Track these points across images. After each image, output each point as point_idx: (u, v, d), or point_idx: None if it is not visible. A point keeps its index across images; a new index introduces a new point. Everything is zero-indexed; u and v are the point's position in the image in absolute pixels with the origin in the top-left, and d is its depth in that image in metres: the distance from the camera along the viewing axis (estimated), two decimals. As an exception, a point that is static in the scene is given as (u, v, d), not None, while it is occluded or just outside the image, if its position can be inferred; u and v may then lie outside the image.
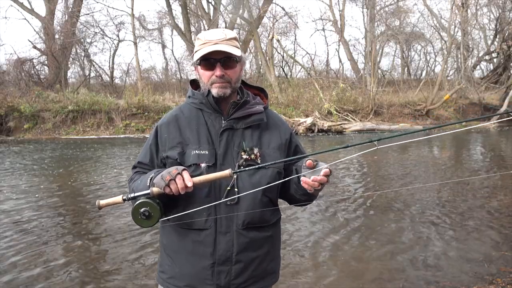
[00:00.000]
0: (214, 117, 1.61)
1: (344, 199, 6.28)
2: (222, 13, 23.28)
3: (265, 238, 1.61)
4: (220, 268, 1.54)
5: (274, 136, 1.65)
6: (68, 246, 4.49)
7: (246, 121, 1.60)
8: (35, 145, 14.31)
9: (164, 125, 1.64)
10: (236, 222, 1.54)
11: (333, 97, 19.35)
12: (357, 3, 26.32)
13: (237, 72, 1.59)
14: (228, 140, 1.57)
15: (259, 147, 1.59)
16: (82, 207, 6.16)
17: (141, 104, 18.29)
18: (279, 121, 1.73)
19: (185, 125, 1.61)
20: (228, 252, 1.54)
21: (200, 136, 1.58)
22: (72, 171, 9.09)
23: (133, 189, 1.58)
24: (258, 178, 1.54)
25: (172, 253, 1.62)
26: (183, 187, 1.38)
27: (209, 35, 1.56)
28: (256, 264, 1.59)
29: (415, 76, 30.27)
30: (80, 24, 24.57)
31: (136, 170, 1.69)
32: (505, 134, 16.32)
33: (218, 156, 1.55)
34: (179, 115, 1.65)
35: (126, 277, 3.70)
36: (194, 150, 1.56)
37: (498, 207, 5.70)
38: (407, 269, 3.78)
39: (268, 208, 1.62)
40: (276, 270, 1.71)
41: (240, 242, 1.55)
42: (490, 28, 25.85)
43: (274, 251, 1.69)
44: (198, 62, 1.57)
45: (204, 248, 1.54)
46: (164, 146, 1.61)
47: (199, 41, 1.58)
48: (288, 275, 3.66)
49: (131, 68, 27.12)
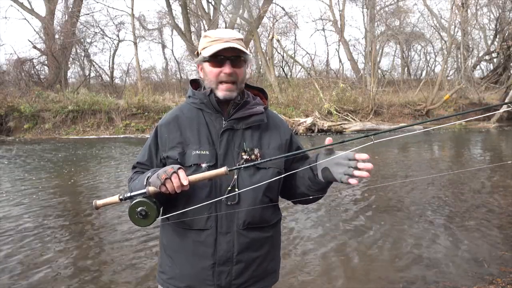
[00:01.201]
0: (214, 117, 1.60)
1: (344, 199, 6.28)
2: (222, 13, 23.30)
3: (265, 238, 1.61)
4: (221, 268, 1.54)
5: (274, 137, 1.65)
6: (68, 246, 4.49)
7: (247, 122, 1.60)
8: (35, 145, 14.30)
9: (164, 125, 1.63)
10: (237, 222, 1.54)
11: (333, 97, 19.36)
12: (357, 3, 26.37)
13: (243, 72, 1.59)
14: (228, 140, 1.57)
15: (259, 147, 1.59)
16: (82, 207, 6.16)
17: (141, 104, 18.29)
18: (279, 121, 1.73)
19: (186, 125, 1.61)
20: (229, 253, 1.53)
21: (201, 136, 1.58)
22: (72, 171, 9.09)
23: (131, 188, 1.58)
24: (258, 178, 1.53)
25: (173, 253, 1.61)
26: (179, 185, 1.38)
27: (220, 33, 1.56)
28: (257, 264, 1.59)
29: (415, 76, 30.31)
30: (80, 24, 24.62)
31: (135, 170, 1.69)
32: (505, 134, 16.33)
33: (219, 156, 1.55)
34: (180, 115, 1.64)
35: (127, 277, 3.70)
36: (194, 150, 1.55)
37: (498, 207, 5.70)
38: (407, 269, 3.78)
39: (269, 207, 1.61)
40: (276, 269, 1.71)
41: (241, 242, 1.54)
42: (490, 28, 25.90)
43: (274, 251, 1.69)
44: (206, 59, 1.55)
45: (205, 248, 1.54)
46: (165, 146, 1.60)
47: (208, 38, 1.57)
48: (289, 274, 3.66)
49: (131, 68, 27.18)
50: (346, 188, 7.06)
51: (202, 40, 1.61)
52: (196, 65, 1.65)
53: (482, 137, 15.56)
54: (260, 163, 1.52)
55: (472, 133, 16.47)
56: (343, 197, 6.43)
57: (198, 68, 1.65)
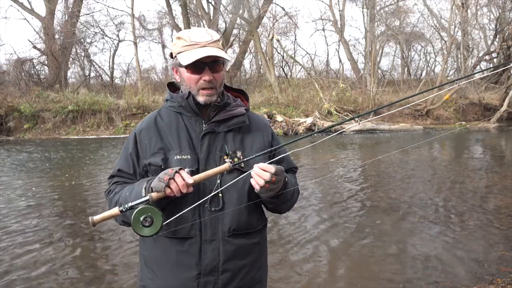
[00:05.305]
0: (194, 120, 1.55)
1: (343, 198, 6.28)
2: (222, 13, 23.28)
3: (252, 245, 1.56)
4: (206, 278, 1.48)
5: (257, 139, 1.61)
6: (68, 246, 4.48)
7: (228, 124, 1.56)
8: (35, 145, 14.30)
9: (143, 131, 1.57)
10: (222, 229, 1.49)
11: (333, 97, 19.34)
12: (357, 3, 26.28)
13: (222, 76, 1.54)
14: (210, 144, 1.52)
15: (241, 150, 1.55)
16: (82, 207, 6.16)
17: (141, 104, 18.30)
18: (261, 122, 1.69)
19: (165, 130, 1.55)
20: (214, 262, 1.48)
21: (181, 140, 1.52)
22: (72, 171, 9.08)
23: (118, 201, 1.47)
24: (241, 182, 1.48)
25: (154, 265, 1.53)
26: (183, 184, 1.33)
27: (195, 36, 1.48)
28: (244, 273, 1.54)
29: (415, 76, 30.28)
30: (80, 24, 24.56)
31: (114, 180, 1.60)
32: (505, 134, 16.33)
33: (200, 160, 1.50)
34: (158, 120, 1.58)
35: (127, 277, 3.70)
36: (176, 155, 1.50)
37: (498, 207, 5.70)
38: (407, 269, 3.78)
39: (255, 212, 1.58)
40: (263, 279, 1.65)
41: (227, 250, 1.49)
42: (490, 28, 25.89)
43: (261, 259, 1.63)
44: (183, 65, 1.48)
45: (189, 258, 1.48)
46: (145, 153, 1.53)
47: (182, 41, 1.50)
48: (287, 274, 3.66)
49: (131, 68, 27.12)
50: (346, 188, 7.05)
51: (176, 42, 1.53)
52: (171, 67, 1.59)
53: (481, 137, 15.56)
54: (259, 155, 1.48)
55: (472, 133, 16.46)
56: (341, 196, 6.43)
57: (173, 71, 1.59)
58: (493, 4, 23.73)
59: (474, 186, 7.04)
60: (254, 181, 1.40)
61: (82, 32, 24.93)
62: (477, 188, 6.89)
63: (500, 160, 10.33)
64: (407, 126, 18.21)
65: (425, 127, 18.69)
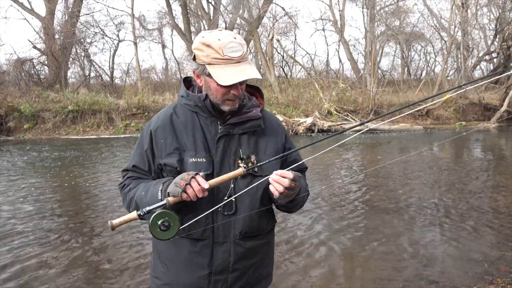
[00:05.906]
0: (210, 121, 1.54)
1: (344, 199, 6.28)
2: (222, 13, 23.28)
3: (261, 245, 1.61)
4: (217, 277, 1.53)
5: (271, 142, 1.60)
6: (68, 246, 4.49)
7: (243, 127, 1.54)
8: (35, 145, 14.30)
9: (159, 129, 1.55)
10: (234, 232, 1.52)
11: (333, 97, 19.33)
12: (357, 3, 26.28)
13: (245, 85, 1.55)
14: (225, 147, 1.52)
15: (255, 153, 1.55)
16: (82, 207, 6.16)
17: (141, 104, 18.30)
18: (275, 123, 1.69)
19: (181, 129, 1.54)
20: (225, 262, 1.53)
21: (197, 141, 1.52)
22: (72, 171, 9.08)
23: (133, 198, 1.51)
24: (254, 187, 1.48)
25: (167, 261, 1.59)
26: (199, 189, 1.34)
27: (228, 49, 1.40)
28: (252, 270, 1.59)
29: (415, 76, 30.27)
30: (80, 24, 24.55)
31: (129, 175, 1.61)
32: (505, 134, 16.32)
33: (215, 164, 1.50)
34: (174, 117, 1.56)
35: (127, 277, 3.70)
36: (191, 158, 1.49)
37: (498, 207, 5.70)
38: (407, 269, 3.78)
39: (265, 216, 1.61)
40: (270, 272, 1.71)
41: (237, 251, 1.53)
42: (490, 28, 25.88)
43: (269, 256, 1.69)
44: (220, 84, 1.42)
45: (201, 258, 1.52)
46: (161, 152, 1.53)
47: (212, 51, 1.41)
48: (288, 274, 3.66)
49: (131, 68, 27.10)
50: (345, 188, 7.06)
51: (204, 49, 1.43)
52: (192, 71, 1.54)
53: (482, 137, 15.56)
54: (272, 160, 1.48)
55: (472, 133, 16.45)
56: (342, 198, 6.43)
57: (194, 75, 1.54)
58: (493, 4, 23.73)
59: (474, 186, 7.04)
60: (273, 187, 1.41)
61: (82, 32, 24.92)
62: (477, 188, 6.89)
63: (500, 160, 10.33)
64: (407, 126, 18.20)
65: (425, 127, 18.68)
